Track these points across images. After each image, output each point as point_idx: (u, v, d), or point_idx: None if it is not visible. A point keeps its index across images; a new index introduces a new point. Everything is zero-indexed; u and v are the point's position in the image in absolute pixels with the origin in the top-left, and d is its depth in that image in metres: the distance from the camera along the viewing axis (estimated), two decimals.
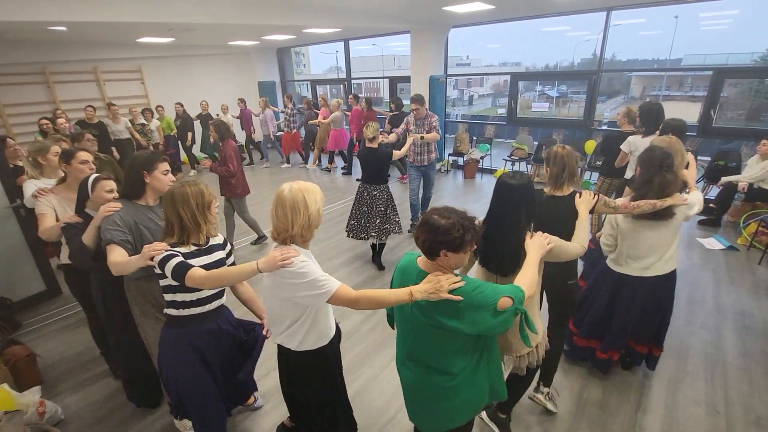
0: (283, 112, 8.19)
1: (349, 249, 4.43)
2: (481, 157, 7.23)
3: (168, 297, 1.66)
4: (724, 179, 4.43)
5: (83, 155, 2.24)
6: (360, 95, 7.49)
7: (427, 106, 4.79)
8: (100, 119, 6.32)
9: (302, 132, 8.36)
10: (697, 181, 5.24)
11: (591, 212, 1.91)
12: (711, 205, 4.84)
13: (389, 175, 4.10)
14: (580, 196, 1.89)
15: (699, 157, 5.42)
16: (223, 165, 3.97)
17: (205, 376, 1.73)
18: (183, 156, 8.12)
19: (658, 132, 3.11)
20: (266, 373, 2.54)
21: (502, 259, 1.60)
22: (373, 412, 2.26)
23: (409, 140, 4.24)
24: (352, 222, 3.91)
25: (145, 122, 7.00)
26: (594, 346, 2.42)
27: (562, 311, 2.16)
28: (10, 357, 2.50)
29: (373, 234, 3.77)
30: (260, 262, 1.38)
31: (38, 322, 3.27)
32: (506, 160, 6.92)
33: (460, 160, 7.55)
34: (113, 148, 6.09)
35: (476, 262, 1.75)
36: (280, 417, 2.19)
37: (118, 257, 1.68)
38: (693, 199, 2.09)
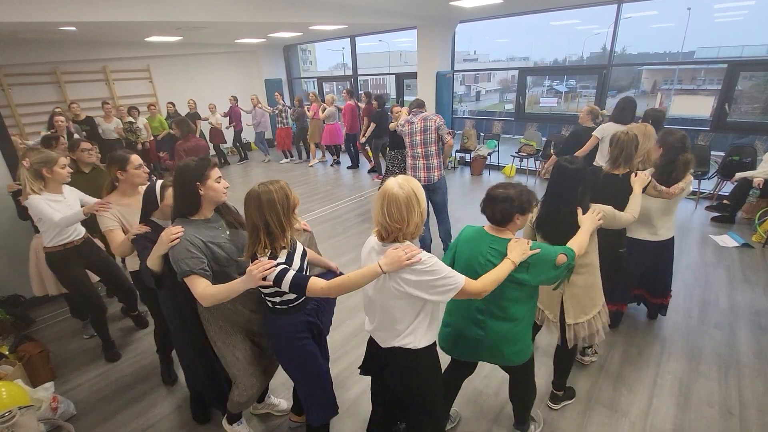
0: (273, 110, 8.21)
1: (354, 247, 4.43)
2: (489, 154, 7.17)
3: (275, 299, 1.62)
4: (739, 175, 4.33)
5: (137, 159, 2.19)
6: (359, 92, 7.69)
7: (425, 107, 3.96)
8: (95, 117, 6.41)
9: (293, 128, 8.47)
10: (711, 177, 5.16)
11: (642, 191, 2.22)
12: (725, 201, 4.74)
13: None
14: (635, 176, 2.21)
15: (713, 153, 5.32)
16: (172, 159, 4.36)
17: (321, 358, 1.79)
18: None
19: (633, 122, 3.55)
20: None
21: (557, 228, 1.85)
22: None
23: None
24: None
25: (132, 120, 6.91)
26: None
27: (609, 277, 2.28)
28: (24, 353, 2.55)
29: None
30: (383, 263, 1.33)
31: (51, 319, 3.33)
32: (514, 157, 6.85)
33: (468, 157, 7.49)
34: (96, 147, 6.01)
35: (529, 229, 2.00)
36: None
37: (208, 288, 1.51)
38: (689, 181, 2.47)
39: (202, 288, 1.52)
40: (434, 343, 1.56)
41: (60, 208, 2.39)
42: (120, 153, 2.19)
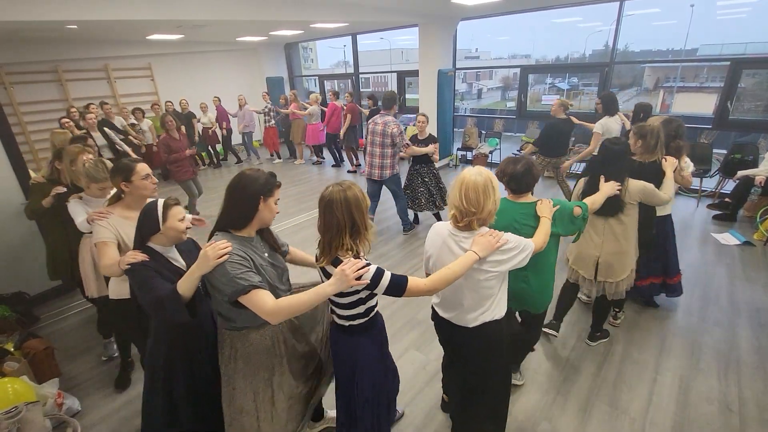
0: (261, 111, 8.13)
1: None
2: (490, 152, 7.17)
3: (353, 311, 1.49)
4: (741, 173, 4.32)
5: (144, 168, 1.94)
6: (343, 92, 7.85)
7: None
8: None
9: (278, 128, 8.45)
10: (713, 175, 5.15)
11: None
12: (727, 199, 4.73)
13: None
14: (666, 161, 2.46)
15: (715, 151, 5.31)
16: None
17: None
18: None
19: (617, 113, 4.26)
20: None
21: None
22: None
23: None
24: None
25: (135, 122, 6.69)
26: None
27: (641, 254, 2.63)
28: (29, 350, 2.57)
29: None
30: (477, 250, 1.45)
31: (55, 316, 3.36)
32: (515, 155, 6.83)
33: (469, 155, 7.49)
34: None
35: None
36: None
37: (281, 301, 1.33)
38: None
39: (272, 301, 1.32)
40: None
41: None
42: (125, 162, 1.95)
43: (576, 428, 2.10)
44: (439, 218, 4.66)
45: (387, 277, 1.37)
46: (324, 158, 8.35)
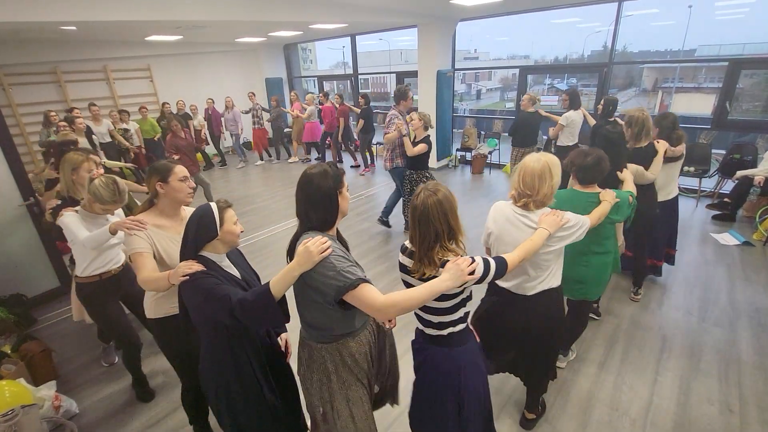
0: (247, 112, 8.13)
1: (358, 245, 4.44)
2: (489, 152, 7.16)
3: (455, 315, 1.39)
4: (740, 173, 4.32)
5: (182, 170, 1.75)
6: (333, 92, 8.13)
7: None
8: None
9: (269, 129, 8.50)
10: (712, 175, 5.15)
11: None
12: (726, 199, 4.73)
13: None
14: (658, 143, 2.74)
15: (714, 151, 5.31)
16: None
17: None
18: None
19: (581, 108, 4.84)
20: None
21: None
22: None
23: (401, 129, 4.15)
24: None
25: (127, 127, 6.58)
26: (630, 255, 3.18)
27: (648, 233, 3.08)
28: (27, 352, 2.56)
29: None
30: (546, 226, 1.60)
31: (53, 318, 3.34)
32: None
33: (468, 155, 7.49)
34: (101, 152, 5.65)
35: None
36: None
37: (390, 296, 1.23)
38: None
39: (382, 296, 1.22)
40: None
41: (97, 230, 2.01)
42: (163, 162, 1.78)
43: (576, 429, 2.10)
44: None
45: (492, 264, 1.34)
46: (311, 157, 8.54)
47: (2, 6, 3.34)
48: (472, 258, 1.30)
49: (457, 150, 7.68)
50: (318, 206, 1.32)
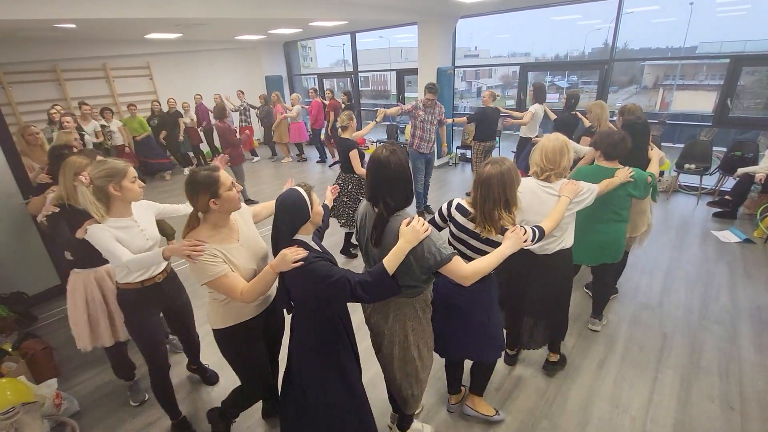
0: (236, 110, 8.07)
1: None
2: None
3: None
4: (741, 170, 4.31)
5: (226, 177, 1.58)
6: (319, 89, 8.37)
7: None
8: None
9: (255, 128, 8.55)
10: (713, 172, 5.14)
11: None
12: (727, 197, 4.72)
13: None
14: (652, 149, 2.81)
15: (715, 148, 5.30)
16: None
17: None
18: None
19: (545, 102, 5.30)
20: None
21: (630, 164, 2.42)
22: (382, 405, 2.26)
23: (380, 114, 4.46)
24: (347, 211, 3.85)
25: (105, 124, 6.35)
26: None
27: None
28: (27, 350, 2.55)
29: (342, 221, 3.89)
30: (567, 194, 1.90)
31: (54, 316, 3.34)
32: (515, 153, 6.82)
33: (468, 153, 7.47)
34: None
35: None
36: None
37: (473, 264, 1.50)
38: None
39: (468, 267, 1.47)
40: None
41: (131, 238, 1.80)
42: (205, 174, 1.53)
43: (576, 427, 2.10)
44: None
45: (537, 232, 1.66)
46: (306, 157, 8.58)
47: (1, 4, 3.33)
48: (524, 228, 1.59)
49: (458, 148, 7.66)
50: (399, 186, 1.46)
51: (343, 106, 7.20)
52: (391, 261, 1.37)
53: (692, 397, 2.25)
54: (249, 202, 5.69)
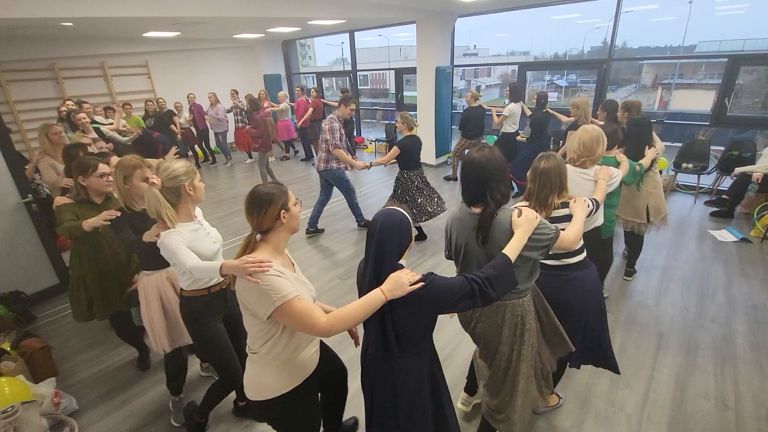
0: (229, 110, 8.04)
1: (360, 240, 4.44)
2: None
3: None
4: (738, 170, 4.33)
5: (291, 194, 1.43)
6: (310, 87, 8.42)
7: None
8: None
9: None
10: (710, 172, 5.15)
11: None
12: (724, 196, 4.74)
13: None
14: (653, 145, 3.01)
15: (713, 147, 5.31)
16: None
17: None
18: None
19: (521, 100, 5.64)
20: None
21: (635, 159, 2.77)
22: None
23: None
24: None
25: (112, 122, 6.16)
26: None
27: None
28: (26, 349, 2.57)
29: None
30: (604, 177, 2.17)
31: (52, 315, 3.35)
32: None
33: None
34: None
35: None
36: None
37: (564, 238, 1.69)
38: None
39: (566, 233, 1.69)
40: None
41: (200, 242, 1.72)
42: (274, 185, 1.38)
43: (573, 425, 2.11)
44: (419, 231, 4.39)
45: (594, 202, 1.94)
46: (290, 154, 8.71)
47: None
48: (586, 199, 1.85)
49: None
50: (503, 180, 1.54)
51: (335, 103, 7.33)
52: (512, 250, 1.40)
53: (687, 395, 2.26)
54: None
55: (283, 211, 1.34)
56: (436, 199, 4.19)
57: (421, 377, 1.40)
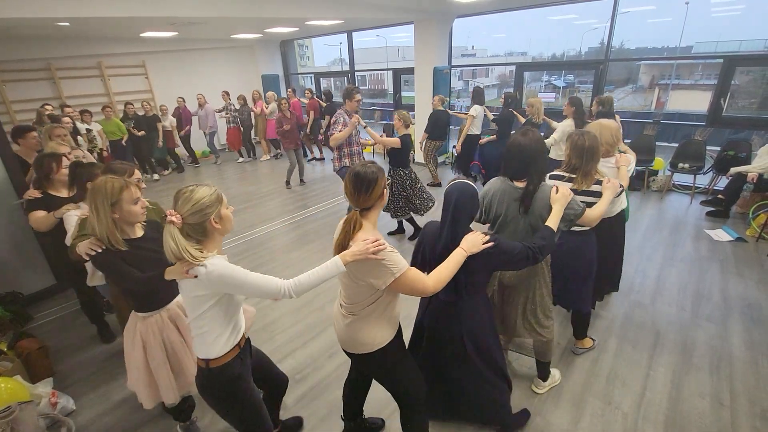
0: (221, 110, 8.11)
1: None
2: None
3: None
4: (734, 169, 4.36)
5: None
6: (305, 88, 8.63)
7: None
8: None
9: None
10: (706, 172, 5.19)
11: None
12: (720, 196, 4.77)
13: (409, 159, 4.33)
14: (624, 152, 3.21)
15: (709, 147, 5.35)
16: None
17: None
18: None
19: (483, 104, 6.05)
20: None
21: None
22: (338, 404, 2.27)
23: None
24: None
25: (90, 128, 6.06)
26: None
27: None
28: (23, 349, 2.56)
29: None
30: (624, 163, 2.39)
31: (49, 315, 3.34)
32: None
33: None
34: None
35: None
36: None
37: (587, 215, 1.98)
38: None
39: (591, 211, 1.98)
40: None
41: None
42: (375, 169, 1.44)
43: (569, 423, 2.12)
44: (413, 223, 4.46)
45: (620, 185, 2.24)
46: (282, 153, 8.76)
47: None
48: (615, 181, 2.09)
49: (454, 147, 7.66)
50: (541, 158, 1.82)
51: (324, 105, 7.62)
52: (553, 222, 1.73)
53: (683, 393, 2.28)
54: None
55: (385, 189, 1.49)
56: (425, 195, 4.34)
57: (483, 317, 1.79)
